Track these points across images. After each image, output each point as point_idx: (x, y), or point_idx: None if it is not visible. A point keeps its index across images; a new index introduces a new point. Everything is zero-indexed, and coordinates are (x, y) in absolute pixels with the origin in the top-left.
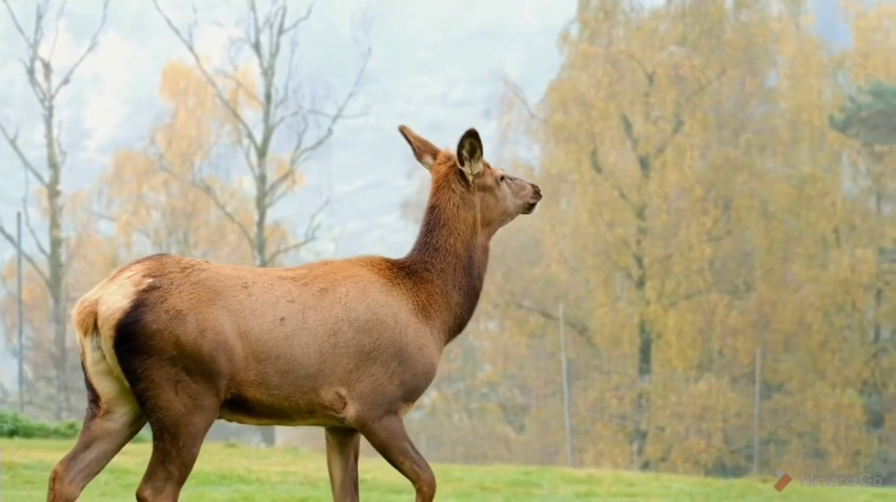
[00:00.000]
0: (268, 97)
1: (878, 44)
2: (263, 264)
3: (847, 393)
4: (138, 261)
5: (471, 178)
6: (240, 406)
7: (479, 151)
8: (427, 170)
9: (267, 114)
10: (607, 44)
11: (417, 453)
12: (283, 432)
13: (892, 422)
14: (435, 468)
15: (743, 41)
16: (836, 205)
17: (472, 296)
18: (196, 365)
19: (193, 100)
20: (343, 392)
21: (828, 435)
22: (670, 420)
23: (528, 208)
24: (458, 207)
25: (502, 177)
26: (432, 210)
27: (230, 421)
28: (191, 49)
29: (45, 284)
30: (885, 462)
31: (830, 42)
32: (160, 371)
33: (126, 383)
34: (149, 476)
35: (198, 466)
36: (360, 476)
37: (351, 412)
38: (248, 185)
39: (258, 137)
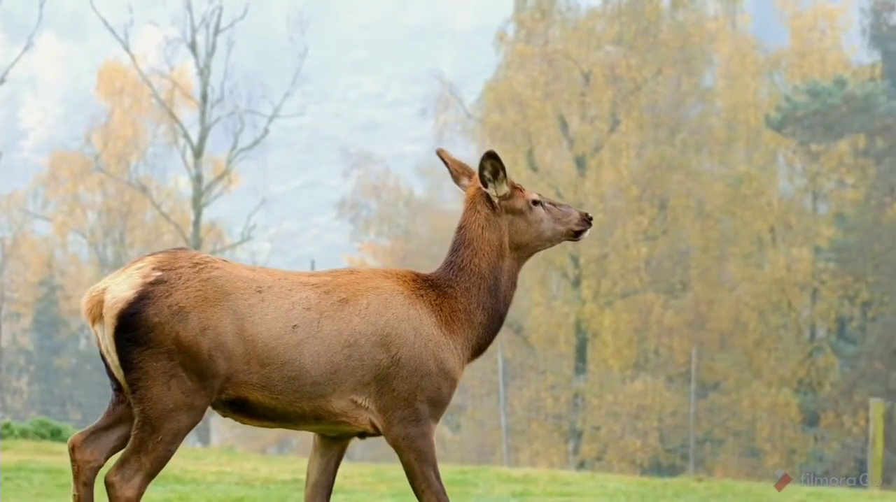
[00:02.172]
0: (204, 97)
1: (813, 43)
2: None
3: (782, 392)
4: (153, 254)
5: (496, 201)
6: (241, 407)
7: (501, 173)
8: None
9: (203, 113)
10: (543, 43)
11: (442, 486)
12: (218, 432)
13: (828, 421)
14: (370, 468)
15: (679, 41)
16: (772, 204)
17: (495, 318)
18: (193, 363)
19: (129, 99)
20: (360, 400)
21: (763, 435)
22: (606, 419)
23: (574, 235)
24: (482, 228)
25: (536, 202)
26: (459, 230)
27: (236, 420)
28: (127, 49)
29: None
30: (821, 461)
31: (766, 41)
32: (156, 364)
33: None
34: (121, 463)
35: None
36: (296, 475)
37: (381, 426)
38: (184, 185)
39: (194, 137)
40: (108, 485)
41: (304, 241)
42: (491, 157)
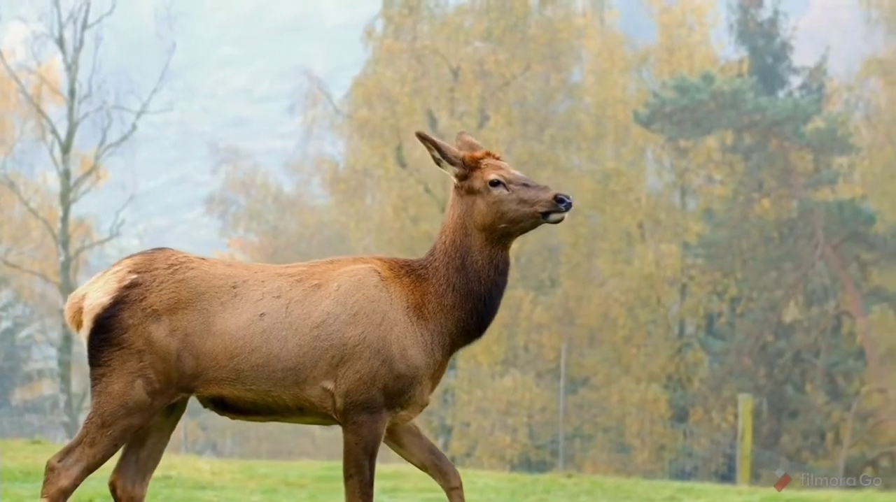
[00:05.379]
0: (72, 92)
1: (681, 39)
2: (67, 260)
3: (651, 387)
4: (131, 256)
5: (455, 180)
6: (222, 404)
7: (436, 152)
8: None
9: (71, 109)
10: (412, 39)
11: (371, 477)
12: None
13: (697, 417)
14: (240, 464)
15: (547, 36)
16: (641, 200)
17: (471, 298)
18: (163, 363)
19: None
20: (330, 386)
21: (632, 430)
22: (475, 415)
23: (543, 217)
24: (450, 207)
25: (497, 182)
26: None
27: (229, 417)
28: None
29: None
30: (690, 456)
31: (635, 37)
32: (126, 363)
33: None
34: (66, 450)
35: (2, 462)
36: (165, 472)
37: (339, 409)
38: (52, 181)
39: (62, 133)
40: (48, 469)
41: (173, 237)
42: (419, 138)
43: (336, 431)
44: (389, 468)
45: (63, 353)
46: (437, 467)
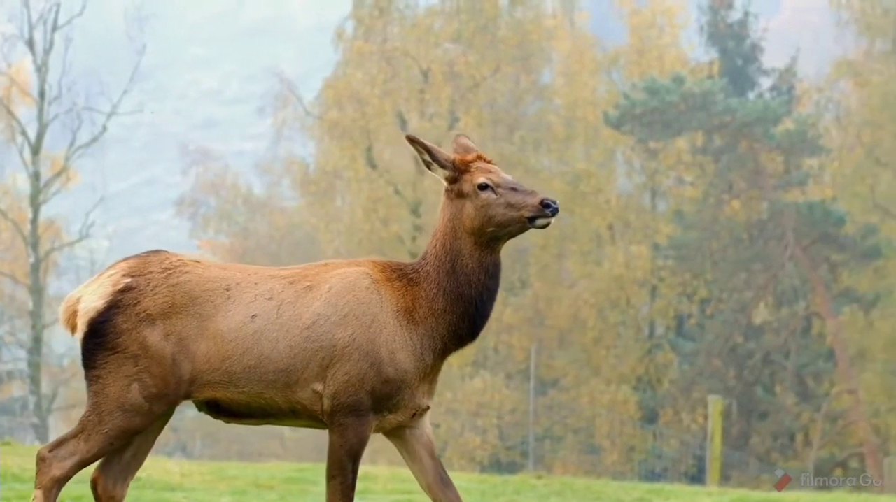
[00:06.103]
0: (42, 94)
1: (652, 41)
2: (37, 262)
3: (621, 389)
4: (125, 259)
5: (445, 184)
6: (216, 407)
7: (426, 155)
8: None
9: (41, 111)
10: (382, 41)
11: (353, 480)
12: (56, 432)
13: (667, 418)
14: (209, 466)
15: (517, 38)
16: (611, 201)
17: (462, 301)
18: (159, 367)
19: None
20: (320, 388)
21: (602, 432)
22: (445, 417)
23: (529, 222)
24: (441, 211)
25: (485, 186)
26: None
27: (224, 421)
28: None
29: None
30: (660, 458)
31: (605, 39)
32: (121, 367)
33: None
34: (59, 442)
35: None
36: (136, 474)
37: (326, 410)
38: (22, 183)
39: (32, 134)
40: (39, 460)
41: (144, 239)
42: (408, 141)
43: (305, 433)
44: (359, 469)
45: (33, 355)
46: (444, 496)
